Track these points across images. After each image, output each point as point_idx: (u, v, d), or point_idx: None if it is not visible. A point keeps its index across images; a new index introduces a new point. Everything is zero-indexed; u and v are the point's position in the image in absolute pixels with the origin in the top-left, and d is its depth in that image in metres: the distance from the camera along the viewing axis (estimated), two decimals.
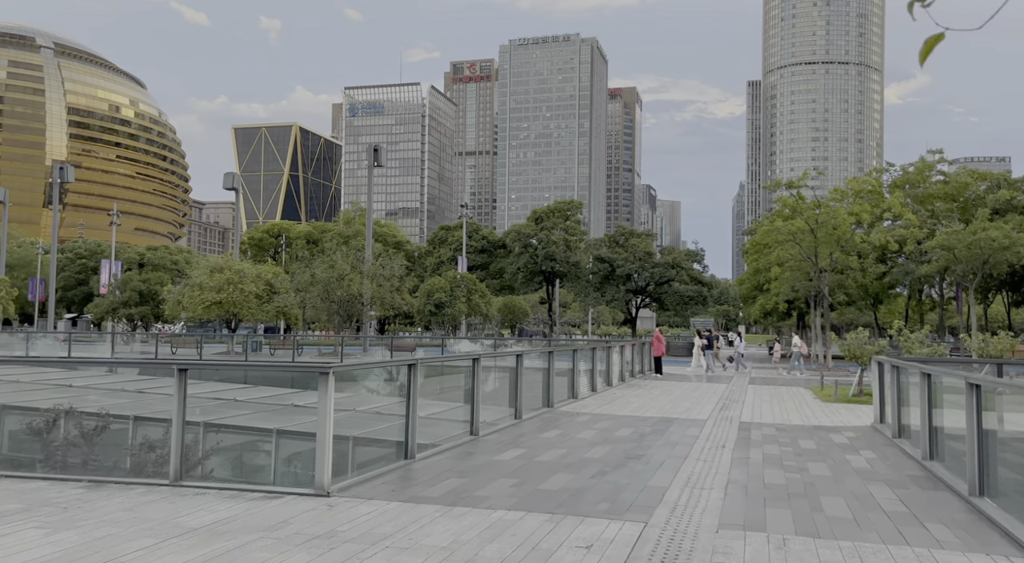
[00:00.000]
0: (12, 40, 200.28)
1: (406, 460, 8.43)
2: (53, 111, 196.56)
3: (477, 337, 45.51)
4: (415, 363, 8.52)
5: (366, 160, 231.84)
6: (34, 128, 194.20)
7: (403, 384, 8.68)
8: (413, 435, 8.49)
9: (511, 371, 12.85)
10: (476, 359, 10.66)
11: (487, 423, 11.86)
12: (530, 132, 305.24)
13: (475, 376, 10.58)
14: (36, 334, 37.55)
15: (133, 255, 63.25)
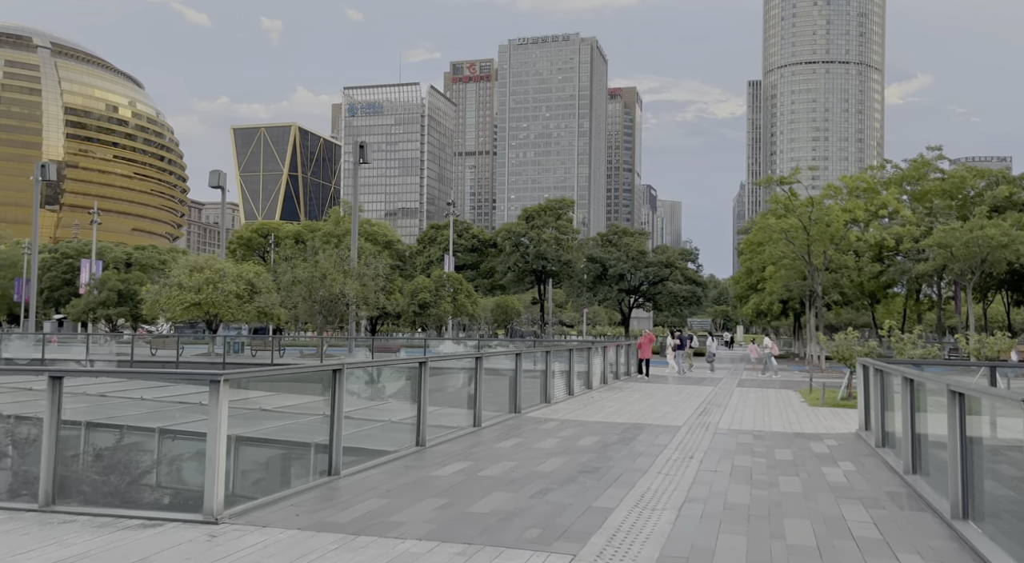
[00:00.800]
0: (8, 39, 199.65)
1: (329, 476, 7.62)
2: (50, 111, 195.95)
3: (463, 338, 44.78)
4: (340, 368, 7.71)
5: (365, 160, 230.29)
6: (30, 128, 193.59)
7: (330, 391, 7.86)
8: (338, 448, 7.68)
9: (471, 374, 12.05)
10: (423, 362, 9.86)
11: (440, 430, 11.06)
12: (530, 132, 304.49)
13: (422, 381, 9.77)
14: (9, 335, 36.80)
15: (120, 255, 62.52)
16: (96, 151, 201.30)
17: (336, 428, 7.64)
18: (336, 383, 7.69)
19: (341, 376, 7.69)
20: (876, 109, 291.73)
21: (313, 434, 11.24)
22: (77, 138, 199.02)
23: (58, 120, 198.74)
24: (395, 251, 62.42)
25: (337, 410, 7.66)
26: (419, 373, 9.80)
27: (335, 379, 7.69)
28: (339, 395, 7.68)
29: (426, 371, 9.80)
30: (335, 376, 7.69)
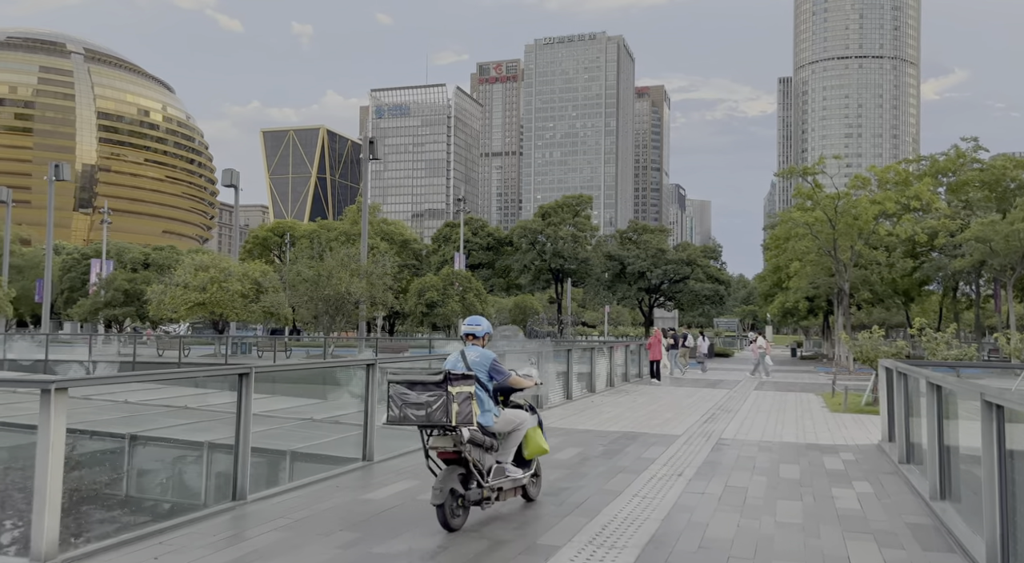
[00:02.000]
0: (43, 46, 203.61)
1: (233, 501, 6.43)
2: (83, 116, 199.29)
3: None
4: (248, 372, 6.52)
5: (392, 162, 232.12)
6: (64, 133, 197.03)
7: (237, 401, 6.67)
8: (244, 468, 6.48)
9: None
10: (371, 364, 8.65)
11: (398, 442, 9.86)
12: (556, 132, 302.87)
13: (369, 386, 8.57)
14: (13, 335, 36.63)
15: (138, 255, 62.56)
16: (128, 155, 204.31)
17: (242, 444, 6.45)
18: (243, 390, 6.50)
19: (249, 382, 6.51)
20: (911, 105, 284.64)
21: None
22: (110, 142, 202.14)
23: (91, 124, 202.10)
24: (412, 250, 61.46)
25: (243, 423, 6.47)
26: (367, 377, 8.60)
27: (242, 385, 6.51)
28: (246, 404, 6.49)
29: (374, 374, 8.59)
30: (242, 382, 6.51)
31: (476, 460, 5.98)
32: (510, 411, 6.52)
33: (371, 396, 8.55)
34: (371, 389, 8.56)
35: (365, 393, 8.60)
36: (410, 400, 5.73)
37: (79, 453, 13.38)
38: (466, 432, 5.83)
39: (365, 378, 8.66)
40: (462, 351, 6.49)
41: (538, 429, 6.75)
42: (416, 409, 5.69)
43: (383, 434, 15.22)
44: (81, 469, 11.22)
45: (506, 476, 6.30)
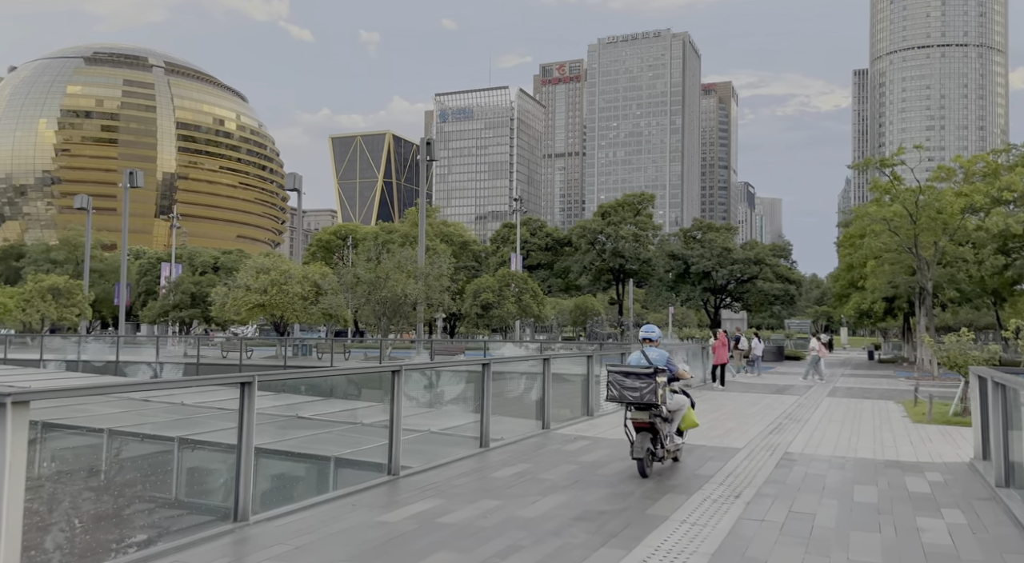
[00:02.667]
0: (126, 61, 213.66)
1: (233, 523, 5.89)
2: (163, 126, 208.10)
3: (526, 340, 42.74)
4: (250, 381, 5.97)
5: (456, 165, 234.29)
6: (146, 143, 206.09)
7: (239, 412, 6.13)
8: (246, 486, 5.94)
9: (476, 385, 10.16)
10: (396, 371, 8.04)
11: (431, 455, 9.27)
12: (620, 131, 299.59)
13: (395, 393, 7.96)
14: (87, 338, 38.02)
15: (208, 258, 64.44)
16: (204, 163, 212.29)
17: (244, 461, 5.90)
18: (246, 400, 5.95)
19: (251, 391, 5.96)
20: (999, 94, 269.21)
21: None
22: (187, 151, 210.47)
23: (171, 134, 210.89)
24: (471, 252, 61.19)
25: (246, 437, 5.92)
26: (392, 383, 8.00)
27: (244, 395, 5.96)
28: (248, 417, 5.94)
29: (399, 381, 7.98)
30: (244, 391, 5.96)
31: (660, 429, 8.41)
32: (678, 396, 8.96)
33: (396, 404, 7.94)
34: (396, 397, 7.95)
35: (392, 402, 7.99)
36: (626, 385, 8.18)
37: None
38: (664, 409, 8.36)
39: (392, 384, 8.05)
40: (642, 350, 8.90)
41: (691, 409, 9.16)
42: (632, 391, 8.15)
43: (421, 442, 14.63)
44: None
45: (673, 442, 8.82)
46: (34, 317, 46.31)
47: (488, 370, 9.86)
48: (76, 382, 22.22)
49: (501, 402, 17.71)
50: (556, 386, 15.42)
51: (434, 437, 16.59)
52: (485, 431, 9.85)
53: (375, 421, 18.05)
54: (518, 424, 13.48)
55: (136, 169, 49.86)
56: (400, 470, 7.98)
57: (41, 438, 14.32)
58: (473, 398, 10.45)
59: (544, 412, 11.84)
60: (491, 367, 9.87)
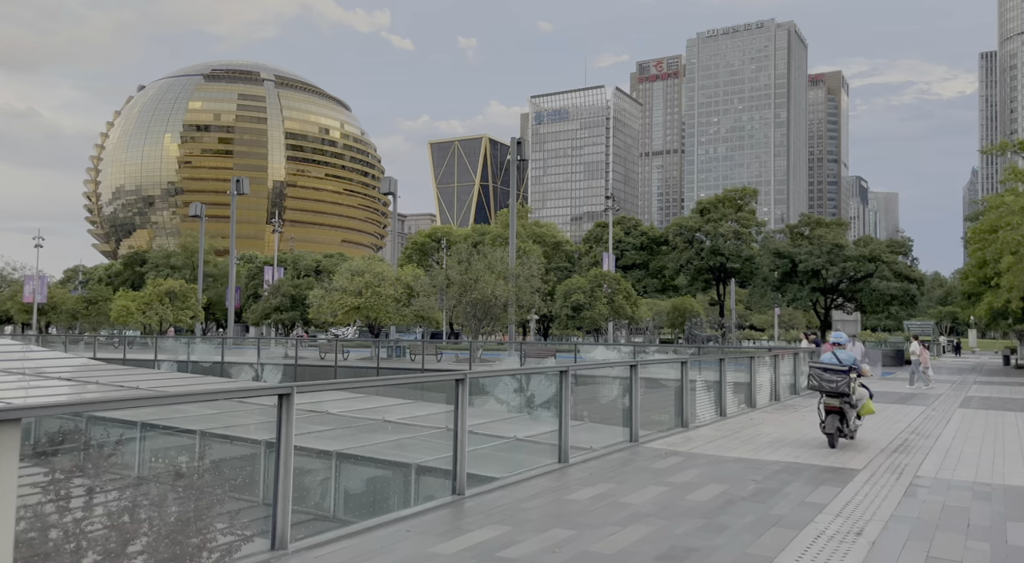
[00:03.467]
0: (241, 76, 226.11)
1: (271, 551, 5.30)
2: (273, 136, 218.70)
3: (620, 343, 41.16)
4: (289, 392, 5.37)
5: (551, 166, 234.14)
6: (258, 153, 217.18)
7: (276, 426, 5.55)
8: (284, 511, 5.34)
9: (554, 393, 9.31)
10: (461, 379, 7.31)
11: (507, 468, 8.50)
12: (720, 126, 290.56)
13: (459, 405, 7.24)
14: (196, 339, 39.79)
15: (310, 262, 66.60)
16: (311, 170, 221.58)
17: (282, 482, 5.30)
18: (283, 413, 5.36)
19: (290, 403, 5.36)
20: None
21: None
22: (295, 159, 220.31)
23: (280, 144, 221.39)
24: (564, 253, 60.15)
25: (284, 455, 5.32)
26: (456, 393, 7.28)
27: (282, 408, 5.36)
28: (287, 431, 5.34)
29: (464, 390, 7.25)
30: (282, 404, 5.37)
31: (847, 414, 10.96)
32: (861, 389, 11.36)
33: (460, 418, 7.21)
34: (461, 409, 7.22)
35: (456, 414, 7.27)
36: (824, 378, 10.91)
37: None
38: (852, 398, 10.85)
39: (456, 395, 7.33)
40: (833, 352, 11.45)
41: (870, 399, 11.65)
42: (829, 383, 10.85)
43: (506, 449, 13.85)
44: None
45: (855, 424, 11.25)
46: (153, 319, 49.11)
47: (566, 379, 8.99)
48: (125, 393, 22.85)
49: (588, 408, 16.76)
50: (647, 393, 14.34)
51: (520, 445, 15.89)
52: (564, 445, 8.99)
53: (476, 423, 17.55)
54: (604, 433, 12.54)
55: (243, 177, 52.04)
56: (466, 488, 7.24)
57: (141, 437, 14.48)
58: (551, 413, 9.65)
59: (632, 423, 10.85)
60: (569, 375, 8.98)
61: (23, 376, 24.99)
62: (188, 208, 70.58)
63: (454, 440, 7.25)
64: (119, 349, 39.81)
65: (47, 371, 25.56)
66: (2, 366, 26.16)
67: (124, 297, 50.41)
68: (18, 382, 23.54)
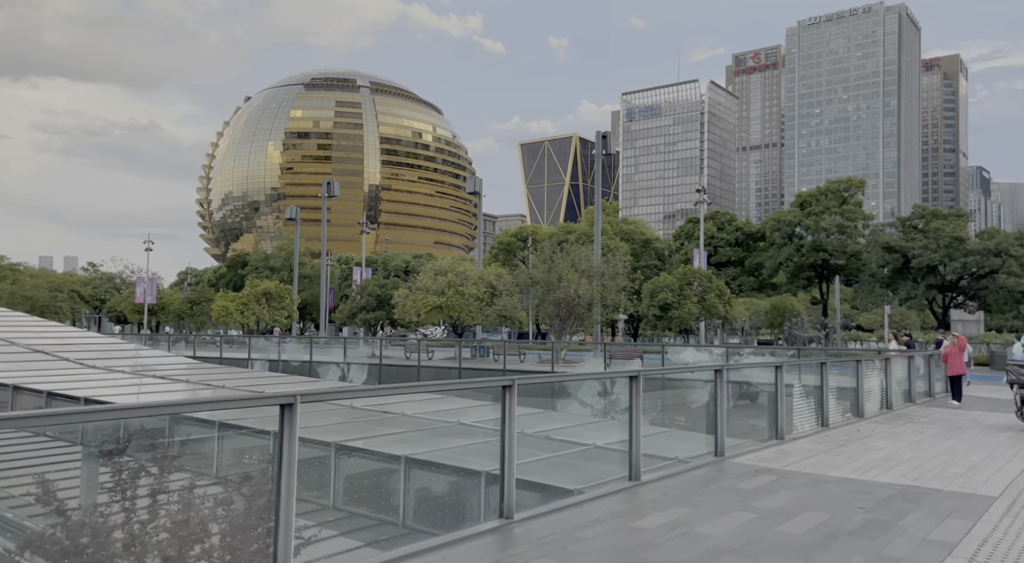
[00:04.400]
0: (338, 83, 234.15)
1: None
2: (369, 141, 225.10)
3: (709, 344, 38.94)
4: (292, 402, 4.62)
5: (643, 163, 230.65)
6: (355, 158, 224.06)
7: None
8: (287, 539, 4.59)
9: (629, 399, 8.25)
10: (508, 386, 6.40)
11: (590, 475, 7.62)
12: (823, 118, 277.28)
13: (506, 416, 6.33)
14: (286, 339, 40.68)
15: (399, 263, 67.40)
16: (404, 174, 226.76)
17: (284, 502, 4.57)
18: (286, 425, 4.61)
19: (293, 414, 4.60)
20: None
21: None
22: (390, 164, 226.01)
23: (375, 149, 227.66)
24: (654, 250, 58.00)
25: (286, 471, 4.58)
26: (504, 401, 6.38)
27: (284, 419, 4.62)
28: (290, 444, 4.60)
29: (511, 398, 6.34)
30: (284, 415, 4.62)
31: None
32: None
33: (508, 431, 6.29)
34: (508, 421, 6.31)
35: (501, 429, 6.36)
36: (1021, 373, 13.60)
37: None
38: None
39: (504, 402, 6.43)
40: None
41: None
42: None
43: (583, 457, 12.83)
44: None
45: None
46: (250, 319, 50.85)
47: (636, 385, 7.90)
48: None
49: (671, 414, 15.47)
50: (738, 400, 13.00)
51: (600, 453, 14.86)
52: (635, 460, 7.92)
53: (541, 430, 16.67)
54: (686, 443, 11.35)
55: (335, 180, 53.15)
56: (515, 512, 6.31)
57: (219, 437, 14.33)
58: (648, 410, 8.58)
59: (717, 434, 9.63)
60: (640, 381, 7.90)
61: (115, 373, 26.04)
62: (292, 214, 73.23)
63: (501, 456, 6.35)
64: (217, 348, 41.27)
65: (142, 369, 26.54)
66: (100, 363, 27.39)
67: (223, 298, 52.45)
68: (105, 378, 24.42)
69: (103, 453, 11.06)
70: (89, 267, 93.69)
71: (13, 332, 31.83)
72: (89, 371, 26.34)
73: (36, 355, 29.29)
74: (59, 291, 66.97)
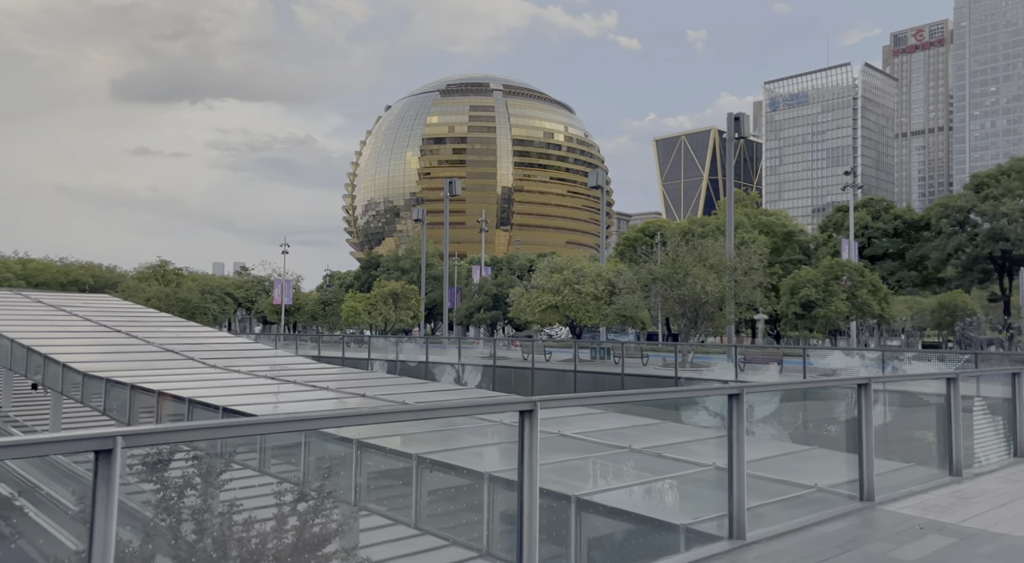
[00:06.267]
0: (472, 88, 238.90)
1: None
2: (501, 143, 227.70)
3: (861, 346, 33.95)
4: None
5: (788, 155, 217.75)
6: (488, 161, 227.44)
7: None
8: None
9: (727, 421, 5.99)
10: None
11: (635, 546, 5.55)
12: (1000, 97, 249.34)
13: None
14: (403, 340, 40.36)
15: (524, 262, 66.17)
16: (536, 175, 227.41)
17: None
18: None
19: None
20: None
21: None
22: (522, 165, 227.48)
23: (508, 151, 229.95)
24: (797, 243, 52.59)
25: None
26: (523, 428, 4.39)
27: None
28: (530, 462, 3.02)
29: (739, 408, 4.33)
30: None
31: None
32: None
33: (528, 462, 4.31)
34: (529, 449, 4.33)
35: (729, 448, 4.38)
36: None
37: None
38: None
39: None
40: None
41: None
42: None
43: None
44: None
45: None
46: (377, 320, 51.52)
47: (739, 406, 5.62)
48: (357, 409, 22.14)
49: (805, 434, 12.67)
50: (895, 421, 10.11)
51: (717, 475, 12.38)
52: (736, 513, 5.64)
53: (652, 445, 14.31)
54: (821, 475, 8.76)
55: (455, 179, 52.88)
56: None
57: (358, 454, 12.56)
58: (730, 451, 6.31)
59: (862, 472, 7.09)
60: (743, 401, 5.61)
61: (230, 373, 26.28)
62: (428, 216, 74.02)
63: (519, 505, 4.38)
64: (339, 348, 41.83)
65: (257, 370, 26.66)
66: (220, 363, 27.87)
67: (352, 298, 53.59)
68: (240, 383, 24.44)
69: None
70: (242, 271, 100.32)
71: (145, 329, 33.42)
72: (213, 372, 26.80)
73: (168, 354, 30.42)
74: (210, 293, 71.58)
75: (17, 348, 30.16)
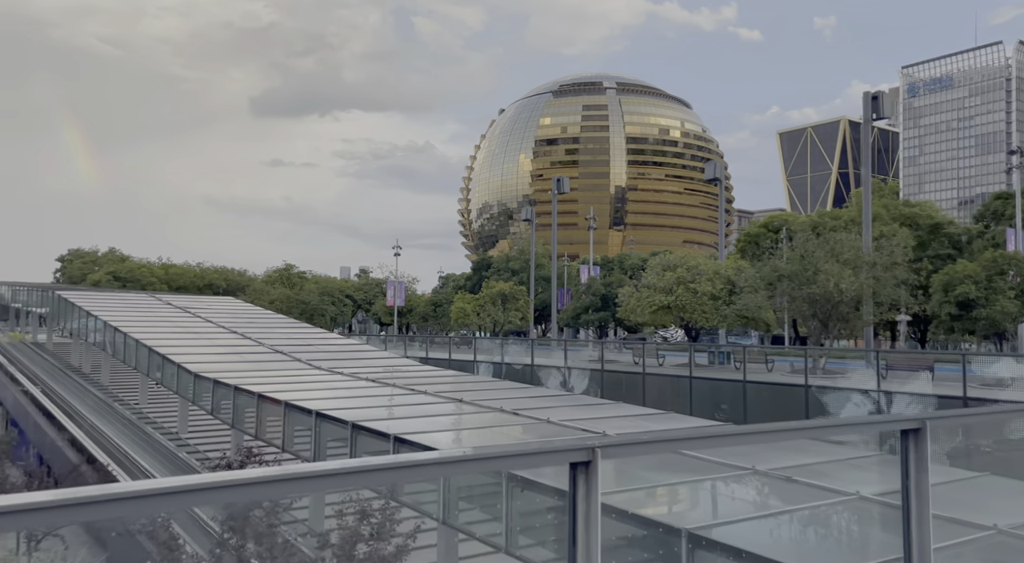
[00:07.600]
0: (584, 88, 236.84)
1: None
2: (615, 142, 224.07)
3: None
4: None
5: (930, 144, 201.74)
6: (601, 160, 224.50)
7: None
8: None
9: (904, 486, 4.03)
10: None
11: None
12: None
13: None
14: (509, 341, 39.18)
15: (636, 261, 63.63)
16: (651, 173, 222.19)
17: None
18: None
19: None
20: None
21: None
22: (636, 163, 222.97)
23: (621, 150, 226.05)
24: (947, 236, 46.68)
25: None
26: (905, 453, 2.74)
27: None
28: None
29: (919, 448, 2.77)
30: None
31: None
32: None
33: (585, 523, 2.66)
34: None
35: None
36: None
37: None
38: None
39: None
40: None
41: None
42: None
43: None
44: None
45: None
46: (486, 321, 50.89)
47: (919, 445, 3.68)
48: None
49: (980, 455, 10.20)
50: None
51: (864, 508, 10.27)
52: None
53: (779, 467, 12.16)
54: (1005, 502, 6.52)
55: (563, 176, 51.44)
56: None
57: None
58: None
59: None
60: (926, 439, 3.66)
61: (333, 375, 25.95)
62: (541, 218, 73.16)
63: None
64: (446, 349, 41.39)
65: (360, 372, 26.24)
66: (325, 365, 27.71)
67: (461, 300, 53.29)
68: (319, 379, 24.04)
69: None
70: (362, 273, 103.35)
71: (259, 331, 34.04)
72: (316, 374, 26.65)
73: (276, 355, 30.69)
74: (328, 295, 73.82)
75: (142, 349, 31.43)
